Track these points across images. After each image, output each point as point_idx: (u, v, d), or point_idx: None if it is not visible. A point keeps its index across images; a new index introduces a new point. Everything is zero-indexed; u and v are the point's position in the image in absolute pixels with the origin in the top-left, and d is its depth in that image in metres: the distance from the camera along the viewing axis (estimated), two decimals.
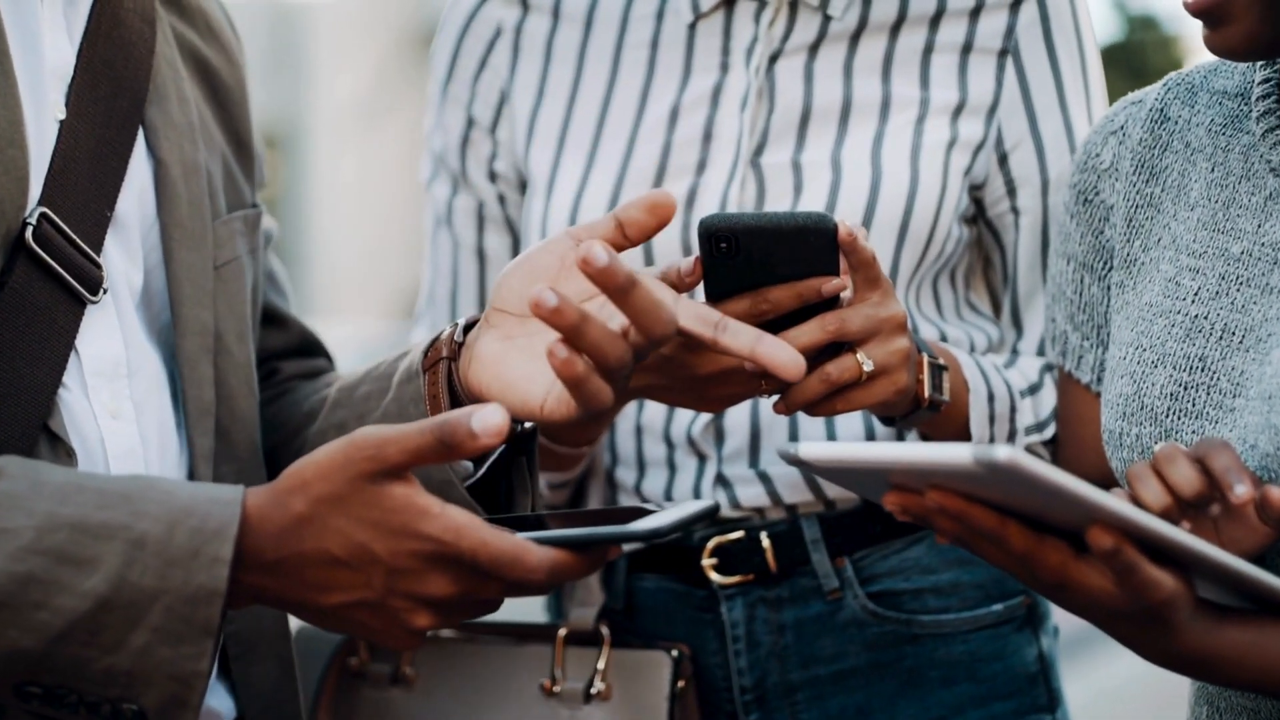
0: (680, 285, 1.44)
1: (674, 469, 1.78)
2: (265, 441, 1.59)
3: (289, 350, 1.72)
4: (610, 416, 1.69)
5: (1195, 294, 1.47)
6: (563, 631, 1.75)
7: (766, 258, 1.45)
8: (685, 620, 1.78)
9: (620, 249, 1.37)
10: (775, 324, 1.45)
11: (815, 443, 1.26)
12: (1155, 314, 1.49)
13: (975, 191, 1.78)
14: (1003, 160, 1.77)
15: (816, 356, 1.46)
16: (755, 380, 1.48)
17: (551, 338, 1.33)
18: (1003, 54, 1.76)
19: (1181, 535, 1.21)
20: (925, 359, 1.56)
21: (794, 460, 1.27)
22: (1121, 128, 1.57)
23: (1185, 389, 1.44)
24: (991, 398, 1.68)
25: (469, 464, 1.47)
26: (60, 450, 1.36)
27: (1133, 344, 1.49)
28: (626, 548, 1.80)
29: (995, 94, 1.76)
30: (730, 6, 1.78)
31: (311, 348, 1.74)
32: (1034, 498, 1.19)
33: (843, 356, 1.47)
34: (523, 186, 1.85)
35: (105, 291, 1.41)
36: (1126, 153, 1.56)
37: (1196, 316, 1.46)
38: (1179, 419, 1.43)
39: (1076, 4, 1.79)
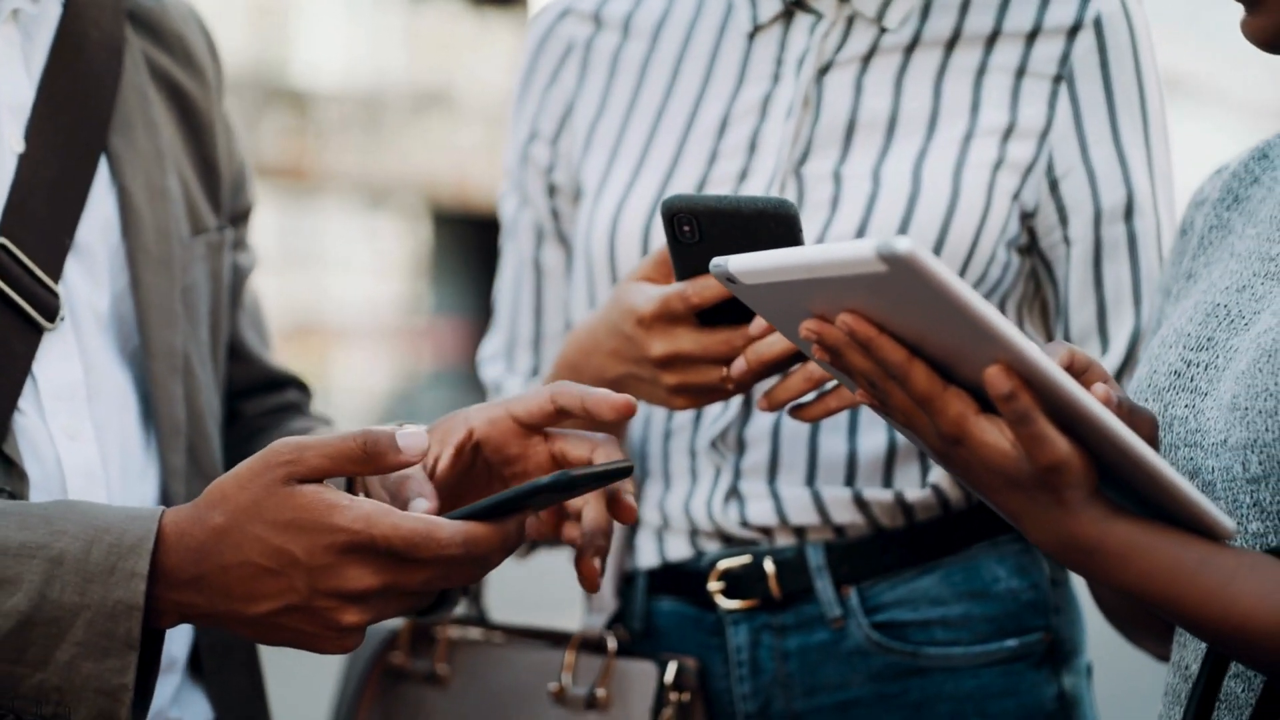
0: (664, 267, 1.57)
1: (695, 479, 1.77)
2: None
3: (250, 388, 1.74)
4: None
5: (1224, 288, 1.44)
6: (577, 638, 1.77)
7: (729, 241, 1.45)
8: (697, 644, 1.77)
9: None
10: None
11: (743, 255, 1.24)
12: (1187, 306, 1.47)
13: (1028, 220, 1.73)
14: (1054, 187, 1.72)
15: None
16: (714, 368, 1.53)
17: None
18: (1057, 80, 1.72)
19: (1081, 393, 1.15)
20: None
21: (725, 275, 1.25)
22: (1226, 166, 1.56)
23: (1189, 365, 1.41)
24: None
25: None
26: (14, 474, 1.42)
27: (1159, 334, 1.47)
28: (643, 565, 1.80)
29: (1048, 119, 1.72)
30: (789, 18, 1.77)
31: (276, 383, 1.76)
32: (936, 318, 1.14)
33: None
34: (578, 199, 1.87)
35: (63, 318, 1.46)
36: (1219, 184, 1.54)
37: (1217, 304, 1.43)
38: (1177, 394, 1.40)
39: (1137, 37, 1.74)
